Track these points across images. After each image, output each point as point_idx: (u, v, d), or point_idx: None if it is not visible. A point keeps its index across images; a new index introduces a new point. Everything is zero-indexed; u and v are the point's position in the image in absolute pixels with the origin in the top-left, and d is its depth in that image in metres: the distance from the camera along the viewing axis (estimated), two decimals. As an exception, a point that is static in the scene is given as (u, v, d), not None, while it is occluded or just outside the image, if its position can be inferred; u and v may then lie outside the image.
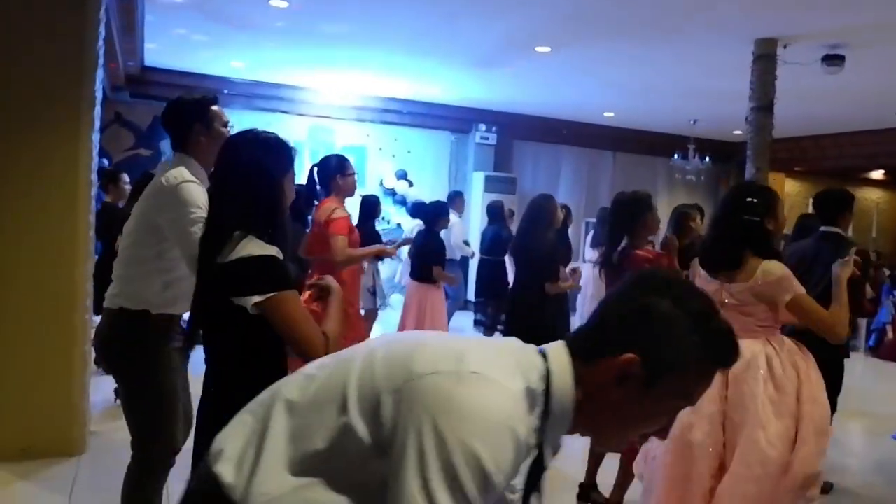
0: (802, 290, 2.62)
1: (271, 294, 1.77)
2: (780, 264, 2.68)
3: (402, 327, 6.06)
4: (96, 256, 4.22)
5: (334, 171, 4.05)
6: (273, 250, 1.84)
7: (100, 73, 4.08)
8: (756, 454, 2.54)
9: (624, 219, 3.59)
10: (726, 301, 2.71)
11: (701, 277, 2.84)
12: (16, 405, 3.80)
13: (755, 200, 2.70)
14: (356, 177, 4.23)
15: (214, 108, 2.64)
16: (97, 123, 4.10)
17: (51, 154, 3.83)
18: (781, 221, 2.80)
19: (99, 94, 4.10)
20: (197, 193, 2.45)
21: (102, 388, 4.97)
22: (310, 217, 4.43)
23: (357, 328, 4.15)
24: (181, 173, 2.50)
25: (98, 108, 4.10)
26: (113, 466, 3.09)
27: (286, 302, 1.79)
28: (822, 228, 3.96)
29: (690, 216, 5.21)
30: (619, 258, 3.54)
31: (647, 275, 1.24)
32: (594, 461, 3.73)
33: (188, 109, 2.61)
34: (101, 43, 4.04)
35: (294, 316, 1.80)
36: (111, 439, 4.25)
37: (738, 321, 2.69)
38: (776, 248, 2.80)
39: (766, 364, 2.63)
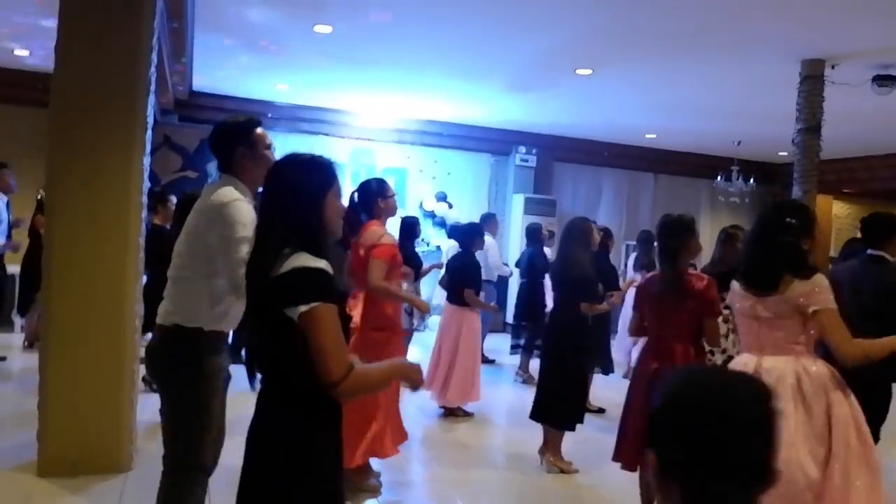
0: (834, 306, 2.60)
1: (316, 304, 1.80)
2: (821, 275, 2.67)
3: (437, 350, 6.04)
4: (145, 278, 4.31)
5: (375, 195, 4.07)
6: (323, 263, 1.88)
7: (151, 98, 4.21)
8: (786, 473, 2.49)
9: (668, 241, 3.56)
10: (760, 315, 2.71)
11: (736, 293, 2.84)
12: (66, 421, 3.90)
13: (793, 221, 2.70)
14: (396, 198, 4.26)
15: (258, 130, 2.73)
16: (148, 147, 4.22)
17: (104, 176, 3.95)
18: (818, 239, 2.79)
19: (150, 119, 4.22)
20: (245, 211, 2.53)
21: (148, 407, 5.06)
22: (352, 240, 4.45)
23: (399, 350, 4.15)
24: (230, 192, 2.58)
25: (149, 133, 4.22)
26: (158, 484, 3.17)
27: (326, 313, 1.81)
28: (869, 251, 3.89)
29: (737, 238, 5.14)
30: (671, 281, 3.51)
31: None
32: (646, 496, 3.61)
33: (233, 132, 2.70)
34: (153, 69, 4.17)
35: (327, 329, 1.81)
36: (157, 457, 4.32)
37: (771, 337, 2.71)
38: (814, 264, 2.76)
39: (796, 381, 2.62)
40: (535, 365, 7.25)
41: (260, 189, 2.25)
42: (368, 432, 3.89)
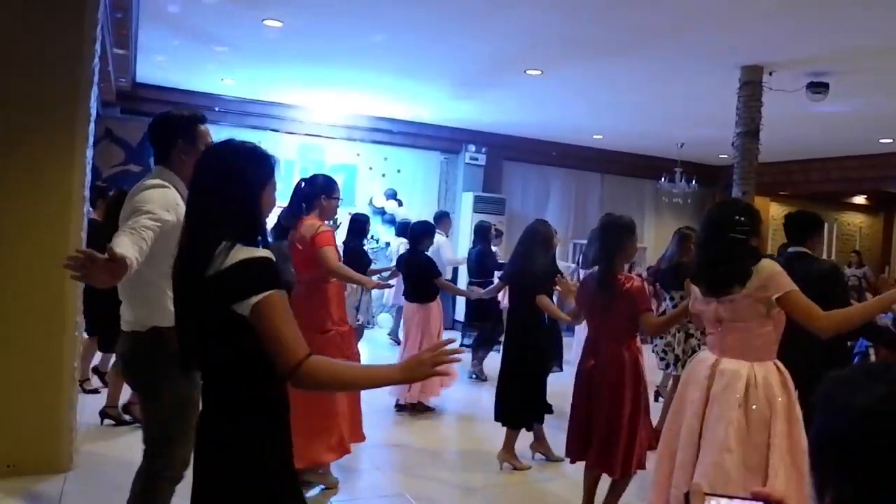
0: (795, 287, 2.64)
1: (269, 292, 1.74)
2: (772, 262, 2.71)
3: (403, 350, 6.07)
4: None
5: (320, 191, 4.05)
6: (266, 252, 1.83)
7: (94, 90, 4.10)
8: (721, 476, 2.58)
9: (608, 240, 3.64)
10: (722, 317, 2.74)
11: (697, 299, 2.87)
12: (2, 421, 3.77)
13: (742, 219, 2.74)
14: (340, 202, 4.24)
15: (201, 126, 2.67)
16: (91, 140, 4.11)
17: (45, 169, 3.84)
18: (762, 239, 2.85)
19: (93, 111, 4.11)
20: (164, 195, 2.46)
21: (89, 408, 4.94)
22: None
23: (349, 345, 4.15)
24: (154, 182, 2.53)
25: (92, 125, 4.11)
26: (99, 484, 3.09)
27: (280, 300, 1.76)
28: (791, 249, 3.97)
29: (691, 238, 5.31)
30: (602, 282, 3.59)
31: None
32: (589, 488, 3.70)
33: (174, 125, 2.64)
34: (96, 60, 4.06)
35: (283, 315, 1.75)
36: (98, 457, 4.23)
37: (730, 339, 2.75)
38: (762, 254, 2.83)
39: (745, 389, 2.66)
40: (488, 363, 7.33)
41: None
42: (328, 430, 3.90)
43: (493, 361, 5.60)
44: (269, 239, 2.20)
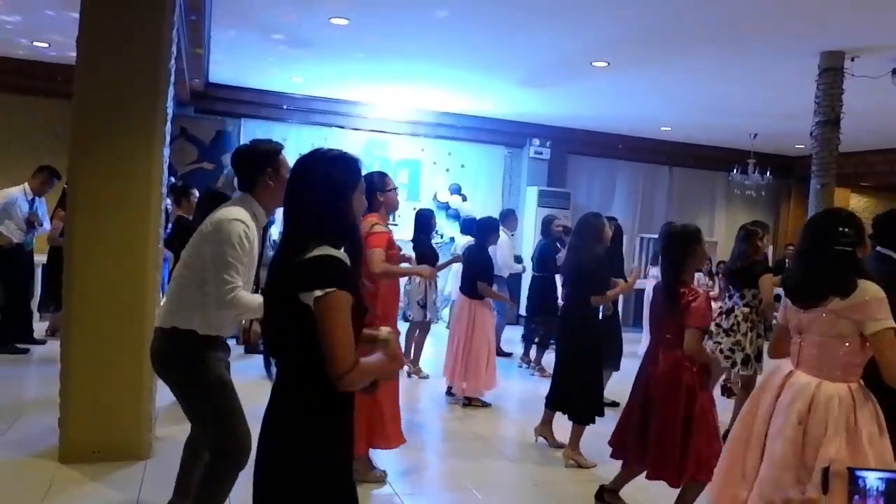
0: (892, 324, 2.44)
1: (332, 290, 1.82)
2: (877, 287, 2.51)
3: (451, 341, 6.10)
4: (167, 267, 4.37)
5: (375, 188, 4.09)
6: (342, 254, 1.92)
7: (171, 90, 4.24)
8: (776, 492, 2.51)
9: (674, 252, 3.56)
10: (805, 328, 2.63)
11: (788, 308, 2.75)
12: (88, 409, 3.96)
13: (847, 230, 2.58)
14: (397, 192, 4.27)
15: (283, 155, 2.88)
16: (167, 138, 4.26)
17: (125, 168, 4.00)
18: (867, 249, 2.71)
19: (170, 111, 4.26)
20: (243, 235, 2.66)
21: (167, 394, 5.12)
22: None
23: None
24: (237, 212, 2.72)
25: (168, 124, 4.25)
26: (178, 470, 3.22)
27: (340, 300, 1.83)
28: (878, 249, 3.68)
29: (758, 235, 5.13)
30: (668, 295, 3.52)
31: None
32: (627, 476, 3.78)
33: (262, 157, 2.84)
34: (173, 61, 4.20)
35: (339, 317, 1.83)
36: (176, 444, 4.38)
37: (811, 353, 2.62)
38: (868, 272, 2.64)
39: (807, 408, 2.54)
40: (547, 359, 7.27)
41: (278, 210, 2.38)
42: (373, 421, 3.95)
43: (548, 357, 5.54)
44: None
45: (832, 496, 0.73)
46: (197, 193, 6.17)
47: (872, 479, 0.72)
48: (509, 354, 8.12)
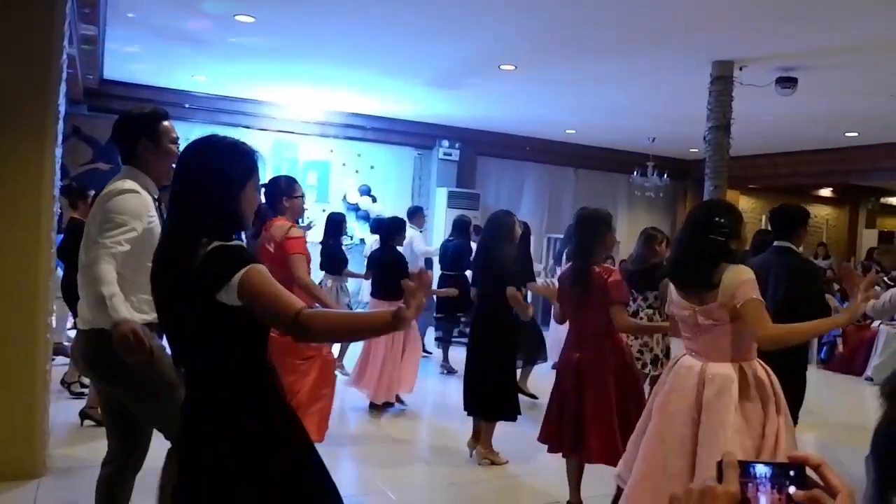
0: (758, 296, 2.62)
1: (247, 266, 1.72)
2: (747, 269, 2.69)
3: (367, 346, 5.98)
4: (60, 272, 4.13)
5: (281, 192, 4.04)
6: (238, 242, 1.84)
7: (62, 87, 4.02)
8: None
9: (584, 235, 3.66)
10: (701, 324, 2.72)
11: (675, 303, 2.86)
12: (-27, 427, 3.69)
13: (722, 220, 2.72)
14: (304, 199, 4.22)
15: (164, 123, 2.65)
16: (59, 138, 4.02)
17: (14, 168, 3.75)
18: (743, 241, 2.86)
19: (62, 109, 4.03)
20: (131, 203, 2.45)
21: (62, 410, 4.85)
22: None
23: (325, 375, 4.14)
24: (123, 183, 2.51)
25: (60, 123, 4.02)
26: (73, 489, 3.04)
27: (260, 269, 1.75)
28: (776, 243, 4.03)
29: (657, 239, 5.35)
30: (578, 276, 3.60)
31: None
32: (577, 473, 3.74)
33: (136, 124, 2.62)
34: (64, 56, 3.98)
35: (270, 281, 1.74)
36: (71, 461, 4.14)
37: (713, 344, 2.73)
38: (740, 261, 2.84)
39: (738, 391, 2.64)
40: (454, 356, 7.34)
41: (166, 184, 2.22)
42: (310, 410, 3.91)
43: (458, 354, 5.54)
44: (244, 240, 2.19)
45: (726, 484, 0.79)
46: (92, 194, 5.85)
47: (761, 468, 0.79)
48: (429, 353, 8.12)
